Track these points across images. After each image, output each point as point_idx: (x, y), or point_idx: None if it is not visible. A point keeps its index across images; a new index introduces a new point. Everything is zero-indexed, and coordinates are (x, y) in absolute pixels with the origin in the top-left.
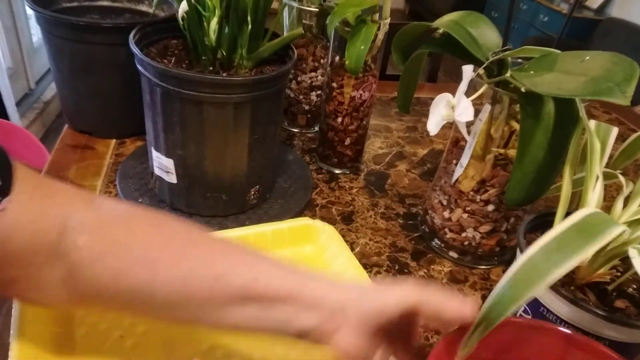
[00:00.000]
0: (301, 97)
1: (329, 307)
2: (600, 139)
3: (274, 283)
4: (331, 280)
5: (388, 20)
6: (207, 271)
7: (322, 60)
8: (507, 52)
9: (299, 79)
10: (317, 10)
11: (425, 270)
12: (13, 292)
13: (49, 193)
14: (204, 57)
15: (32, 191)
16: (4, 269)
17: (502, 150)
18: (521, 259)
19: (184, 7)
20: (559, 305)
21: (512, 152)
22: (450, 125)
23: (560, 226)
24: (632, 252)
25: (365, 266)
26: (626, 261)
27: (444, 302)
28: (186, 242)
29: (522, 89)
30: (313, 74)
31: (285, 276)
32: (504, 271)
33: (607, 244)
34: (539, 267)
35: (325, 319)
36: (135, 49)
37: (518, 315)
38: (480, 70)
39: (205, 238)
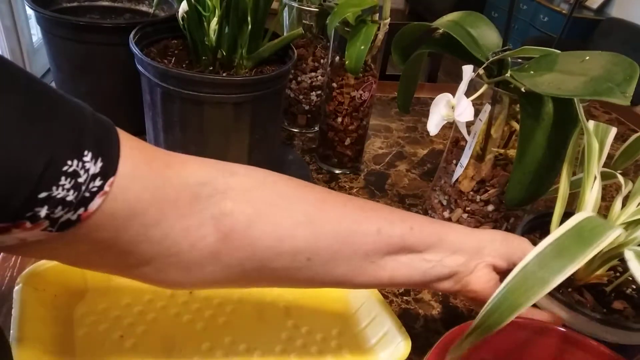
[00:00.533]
0: (301, 97)
1: (469, 249)
2: (598, 139)
3: (425, 231)
4: (466, 228)
5: (388, 20)
6: (368, 225)
7: (322, 60)
8: (507, 52)
9: (299, 79)
10: (317, 10)
11: None
12: (149, 273)
13: (168, 163)
14: (204, 57)
15: (149, 165)
16: (139, 247)
17: (502, 150)
18: (518, 267)
19: (184, 7)
20: (555, 309)
21: (512, 152)
22: (450, 125)
23: (555, 233)
24: (628, 255)
25: None
26: (625, 262)
27: None
28: (335, 200)
29: (522, 89)
30: (313, 74)
31: (431, 224)
32: None
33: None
34: (537, 275)
35: (466, 261)
36: (135, 49)
37: None
38: (480, 70)
39: (345, 196)
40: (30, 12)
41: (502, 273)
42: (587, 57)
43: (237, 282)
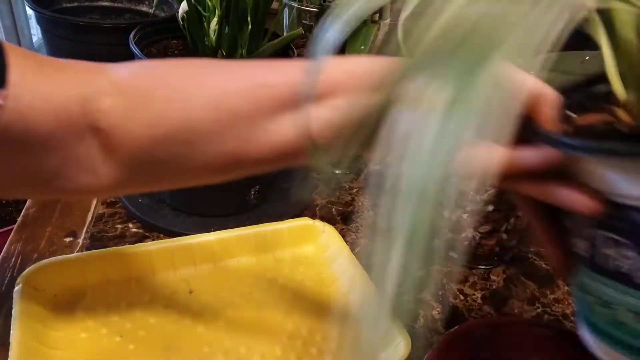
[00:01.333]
0: None
1: None
2: None
3: (334, 68)
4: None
5: (388, 20)
6: (246, 82)
7: None
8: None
9: None
10: (317, 10)
11: (425, 271)
12: (64, 184)
13: (57, 68)
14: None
15: (38, 72)
16: (42, 159)
17: None
18: None
19: (184, 7)
20: None
21: None
22: None
23: None
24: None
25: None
26: None
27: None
28: (213, 68)
29: None
30: None
31: (338, 63)
32: (504, 271)
33: None
34: None
35: None
36: (135, 49)
37: None
38: None
39: (228, 61)
40: (30, 12)
41: None
42: (587, 57)
43: (150, 180)
